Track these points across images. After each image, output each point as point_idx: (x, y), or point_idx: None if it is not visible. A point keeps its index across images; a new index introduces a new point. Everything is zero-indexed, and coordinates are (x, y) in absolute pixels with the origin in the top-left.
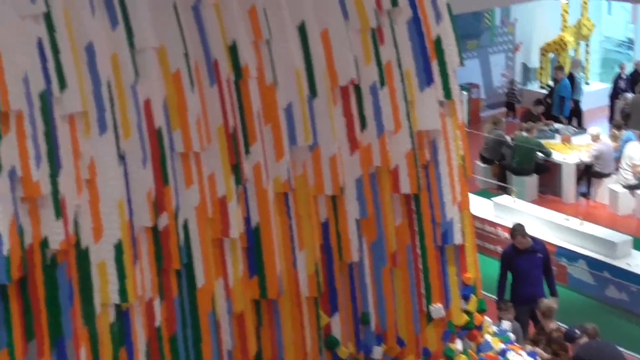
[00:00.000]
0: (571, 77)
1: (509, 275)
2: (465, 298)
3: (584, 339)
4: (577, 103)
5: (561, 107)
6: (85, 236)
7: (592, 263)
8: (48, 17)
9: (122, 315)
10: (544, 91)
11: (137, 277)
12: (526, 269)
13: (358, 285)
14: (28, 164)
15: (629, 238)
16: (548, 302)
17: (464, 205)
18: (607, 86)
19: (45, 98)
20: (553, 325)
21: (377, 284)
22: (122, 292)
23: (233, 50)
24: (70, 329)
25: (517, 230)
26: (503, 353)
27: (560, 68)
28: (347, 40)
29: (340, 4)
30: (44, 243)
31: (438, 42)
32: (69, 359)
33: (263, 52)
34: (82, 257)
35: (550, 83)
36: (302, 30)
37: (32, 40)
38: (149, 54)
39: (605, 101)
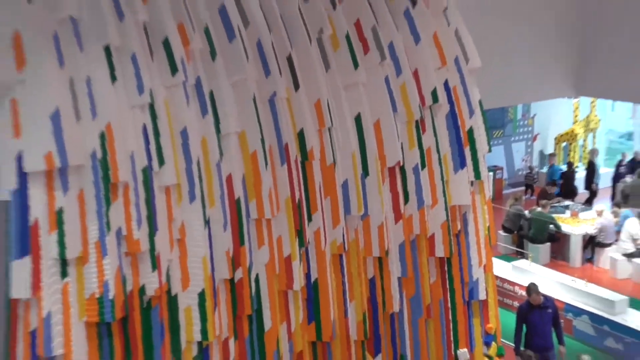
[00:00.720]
0: (591, 164)
1: (524, 327)
2: (487, 344)
3: None
4: (596, 185)
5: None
6: (175, 285)
7: (594, 318)
8: (152, 107)
9: (203, 351)
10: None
11: (216, 320)
12: (538, 322)
13: (398, 331)
14: (131, 226)
15: (626, 298)
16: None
17: (488, 268)
18: (610, 171)
19: (147, 172)
20: None
21: (414, 331)
22: (204, 332)
23: (301, 136)
24: None
25: (532, 288)
26: None
27: (552, 155)
28: (395, 129)
29: (391, 99)
30: (142, 290)
31: (470, 132)
32: None
33: (325, 138)
34: (172, 302)
35: (563, 167)
36: (358, 120)
37: (139, 125)
38: (232, 137)
39: (609, 183)
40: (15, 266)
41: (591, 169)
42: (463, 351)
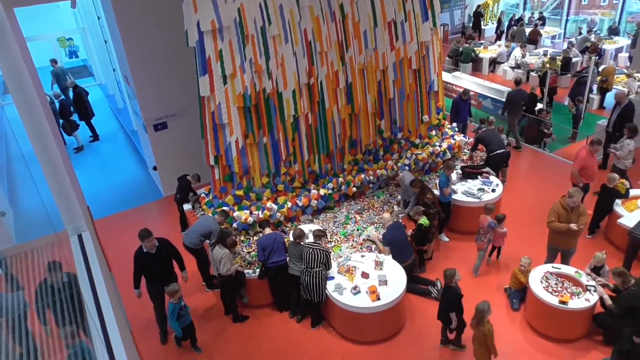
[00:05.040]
0: (500, 20)
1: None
2: (437, 113)
3: (484, 127)
4: (501, 31)
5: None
6: (280, 87)
7: (492, 100)
8: None
9: (296, 120)
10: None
11: (302, 104)
12: (465, 107)
13: (393, 107)
14: (257, 57)
15: (509, 88)
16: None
17: (439, 74)
18: (506, 23)
19: (263, 29)
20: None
21: (401, 107)
22: (296, 109)
23: (342, 7)
24: (275, 125)
25: (465, 91)
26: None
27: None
28: (390, 1)
29: None
30: (264, 90)
31: (432, 2)
32: (276, 138)
33: (354, 7)
34: (279, 96)
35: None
36: None
37: (257, 4)
38: (306, 8)
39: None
40: (201, 80)
41: (495, 24)
42: (425, 117)
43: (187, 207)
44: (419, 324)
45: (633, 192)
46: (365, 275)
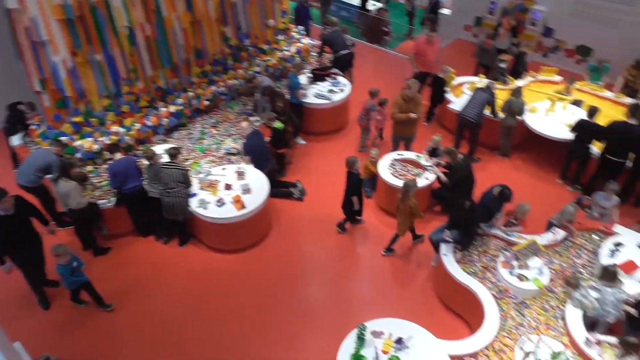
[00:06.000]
0: None
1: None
2: (282, 17)
3: (329, 29)
4: None
5: None
6: None
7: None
8: None
9: (132, 32)
10: None
11: (135, 13)
12: (307, 12)
13: (236, 12)
14: None
15: None
16: None
17: None
18: None
19: None
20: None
21: (245, 12)
22: (129, 19)
23: None
24: (108, 39)
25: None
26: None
27: None
28: None
29: None
30: None
31: None
32: (111, 54)
33: None
34: (108, 5)
35: None
36: None
37: None
38: None
39: None
40: None
41: None
42: (271, 21)
43: (17, 142)
44: (285, 224)
45: (459, 79)
46: (228, 186)
